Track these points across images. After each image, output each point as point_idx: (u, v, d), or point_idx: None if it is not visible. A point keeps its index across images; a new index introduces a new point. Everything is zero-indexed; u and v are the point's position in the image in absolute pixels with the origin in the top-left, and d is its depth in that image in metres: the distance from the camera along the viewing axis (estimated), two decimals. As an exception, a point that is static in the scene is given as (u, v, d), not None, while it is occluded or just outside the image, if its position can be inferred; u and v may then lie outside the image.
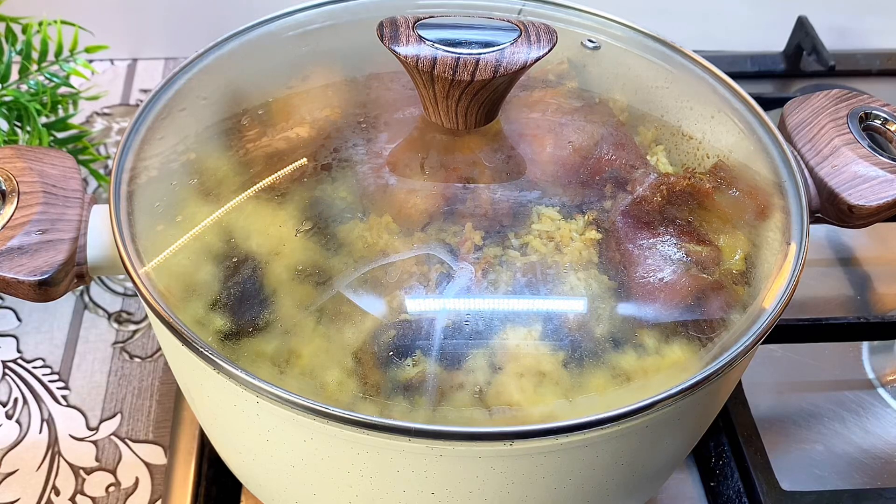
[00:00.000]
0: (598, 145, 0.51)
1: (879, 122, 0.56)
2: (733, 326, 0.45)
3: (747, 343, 0.44)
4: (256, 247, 0.47)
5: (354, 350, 0.44)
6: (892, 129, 0.56)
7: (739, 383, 0.62)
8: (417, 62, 0.45)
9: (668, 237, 0.47)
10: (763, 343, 0.46)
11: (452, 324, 0.44)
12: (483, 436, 0.41)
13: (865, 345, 0.71)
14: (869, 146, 0.54)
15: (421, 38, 0.45)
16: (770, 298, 0.46)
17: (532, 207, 0.48)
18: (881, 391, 0.68)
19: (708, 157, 0.52)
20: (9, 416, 0.65)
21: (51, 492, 0.61)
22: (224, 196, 0.49)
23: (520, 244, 0.46)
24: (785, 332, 0.66)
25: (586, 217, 0.48)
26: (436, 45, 0.45)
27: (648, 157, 0.52)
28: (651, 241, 0.47)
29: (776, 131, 0.54)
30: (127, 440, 0.64)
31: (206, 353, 0.42)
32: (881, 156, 0.53)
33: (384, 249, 0.46)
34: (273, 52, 0.58)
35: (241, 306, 0.46)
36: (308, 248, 0.47)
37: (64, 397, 0.67)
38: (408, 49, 0.45)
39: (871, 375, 0.69)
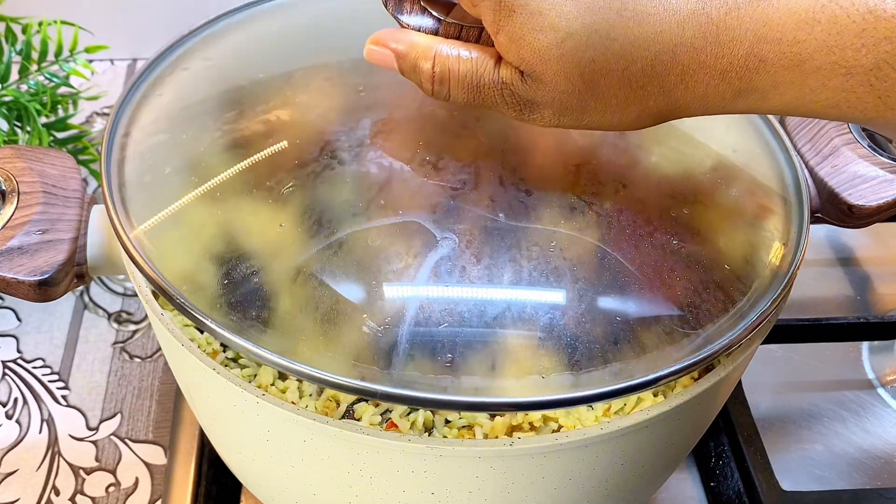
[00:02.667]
0: (601, 140, 0.51)
1: (879, 122, 0.56)
2: (731, 325, 0.45)
3: (741, 342, 0.43)
4: (252, 245, 0.47)
5: (354, 351, 0.44)
6: (892, 129, 0.56)
7: (739, 383, 0.62)
8: (420, 31, 0.45)
9: (668, 237, 0.47)
10: (763, 343, 0.46)
11: (447, 323, 0.44)
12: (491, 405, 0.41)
13: (865, 345, 0.71)
14: (869, 146, 0.54)
15: (425, 9, 0.45)
16: (767, 297, 0.46)
17: (532, 203, 0.48)
18: (881, 391, 0.68)
19: (709, 156, 0.52)
20: (9, 416, 0.65)
21: (51, 492, 0.61)
22: (219, 191, 0.49)
23: (519, 240, 0.46)
24: (785, 332, 0.65)
25: (587, 214, 0.48)
26: (440, 15, 0.45)
27: (650, 156, 0.52)
28: (650, 240, 0.47)
29: (779, 128, 0.54)
30: (127, 440, 0.64)
31: (199, 319, 0.42)
32: (881, 156, 0.54)
33: (383, 239, 0.46)
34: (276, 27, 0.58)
35: (238, 296, 0.45)
36: (305, 242, 0.47)
37: (64, 397, 0.67)
38: (411, 18, 0.45)
39: (871, 375, 0.69)
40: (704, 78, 0.39)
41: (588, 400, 0.41)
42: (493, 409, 0.41)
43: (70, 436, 0.64)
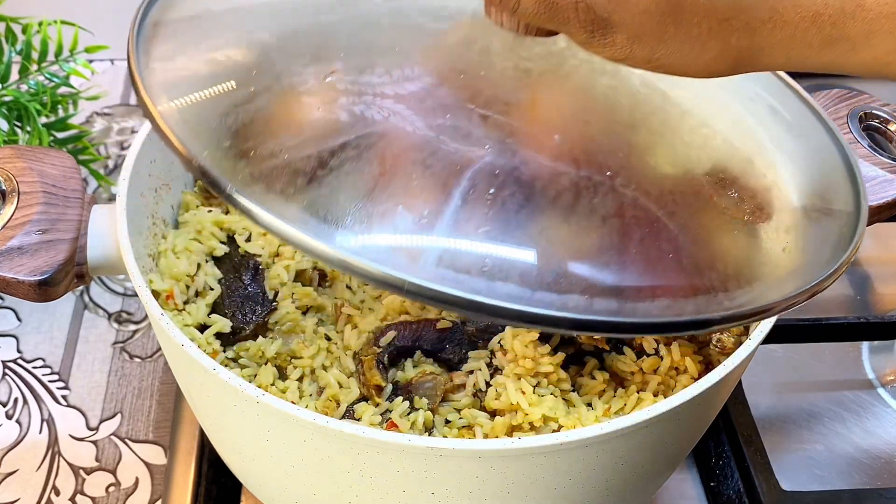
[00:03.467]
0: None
1: (879, 122, 0.56)
2: (787, 288, 0.42)
3: (798, 302, 0.41)
4: (284, 124, 0.44)
5: (384, 242, 0.41)
6: (892, 129, 0.56)
7: (739, 383, 0.62)
8: None
9: (729, 202, 0.45)
10: (763, 343, 0.46)
11: (487, 230, 0.40)
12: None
13: (865, 345, 0.71)
14: (869, 146, 0.54)
15: None
16: (829, 266, 0.43)
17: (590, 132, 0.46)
18: (881, 391, 0.68)
19: (772, 139, 0.51)
20: (9, 416, 0.65)
21: (51, 492, 0.61)
22: None
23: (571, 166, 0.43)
24: (785, 332, 0.65)
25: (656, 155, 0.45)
26: None
27: (710, 129, 0.50)
28: (709, 199, 0.45)
29: (825, 115, 0.52)
30: (127, 440, 0.64)
31: (219, 185, 0.39)
32: (881, 156, 0.53)
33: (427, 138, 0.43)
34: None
35: (265, 172, 0.41)
36: (343, 126, 0.43)
37: (64, 397, 0.67)
38: None
39: (871, 375, 0.69)
40: (794, 19, 0.36)
41: (632, 329, 0.38)
42: (530, 320, 0.37)
43: (70, 436, 0.64)
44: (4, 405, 0.66)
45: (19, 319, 0.72)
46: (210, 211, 0.56)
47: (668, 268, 0.41)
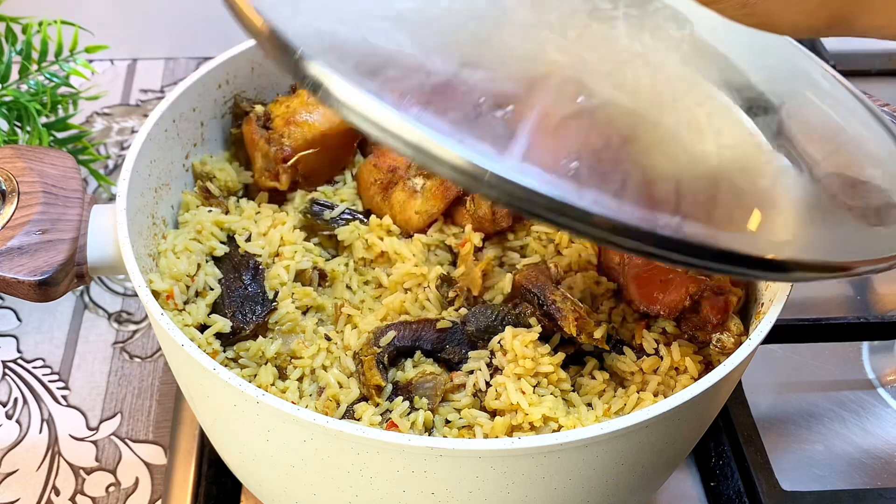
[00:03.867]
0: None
1: (880, 122, 0.56)
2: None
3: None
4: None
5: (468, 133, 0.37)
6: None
7: (739, 383, 0.62)
8: None
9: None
10: (763, 343, 0.46)
11: (574, 142, 0.38)
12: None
13: (865, 345, 0.71)
14: (869, 146, 0.54)
15: None
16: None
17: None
18: (881, 391, 0.68)
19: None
20: (9, 416, 0.65)
21: (51, 492, 0.61)
22: None
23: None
24: (785, 332, 0.65)
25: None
26: None
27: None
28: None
29: (877, 110, 0.52)
30: (127, 440, 0.64)
31: (301, 58, 0.35)
32: (881, 156, 0.53)
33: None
34: None
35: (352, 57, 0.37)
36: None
37: (64, 397, 0.67)
38: None
39: (871, 375, 0.69)
40: None
41: (718, 257, 0.36)
42: (614, 230, 0.34)
43: (70, 436, 0.64)
44: (4, 405, 0.66)
45: (19, 319, 0.72)
46: (210, 211, 0.56)
47: (754, 211, 0.40)
